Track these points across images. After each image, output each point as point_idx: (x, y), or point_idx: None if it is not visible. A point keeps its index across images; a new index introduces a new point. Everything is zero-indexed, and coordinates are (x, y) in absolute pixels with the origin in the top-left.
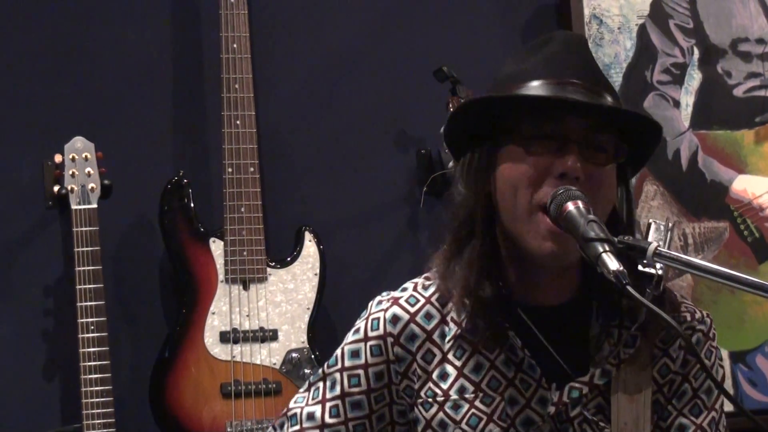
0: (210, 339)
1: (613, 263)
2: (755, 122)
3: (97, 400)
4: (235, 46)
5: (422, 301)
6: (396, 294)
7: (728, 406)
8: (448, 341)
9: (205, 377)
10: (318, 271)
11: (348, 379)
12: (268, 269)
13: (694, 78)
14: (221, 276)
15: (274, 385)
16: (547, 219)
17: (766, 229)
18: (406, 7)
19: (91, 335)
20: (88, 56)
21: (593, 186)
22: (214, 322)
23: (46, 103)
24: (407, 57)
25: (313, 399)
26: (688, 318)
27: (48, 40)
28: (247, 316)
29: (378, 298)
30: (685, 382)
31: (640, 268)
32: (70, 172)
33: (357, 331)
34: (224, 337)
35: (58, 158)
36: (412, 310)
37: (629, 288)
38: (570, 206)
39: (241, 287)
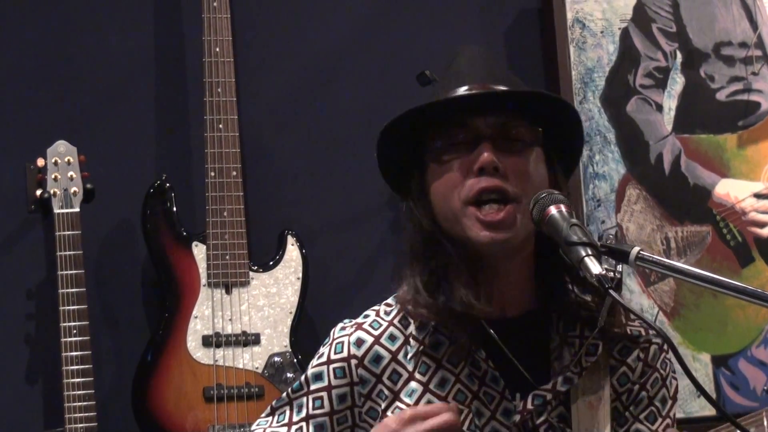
0: (192, 343)
1: (595, 267)
2: (738, 126)
3: (80, 404)
4: (217, 49)
5: (385, 324)
6: (359, 320)
7: (711, 411)
8: (410, 358)
9: (187, 381)
10: (300, 275)
11: (312, 401)
12: (251, 273)
13: (677, 82)
14: (204, 280)
15: (256, 389)
16: (475, 209)
17: (748, 233)
18: (388, 11)
19: (73, 339)
20: (71, 60)
21: (518, 175)
22: (197, 326)
23: (29, 107)
24: (390, 61)
25: (278, 422)
26: (644, 333)
27: (31, 44)
28: (230, 320)
29: (340, 324)
30: (642, 390)
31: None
32: (53, 176)
33: (321, 356)
34: (207, 341)
35: (40, 162)
36: (376, 333)
37: (612, 292)
38: (552, 210)
39: (223, 291)
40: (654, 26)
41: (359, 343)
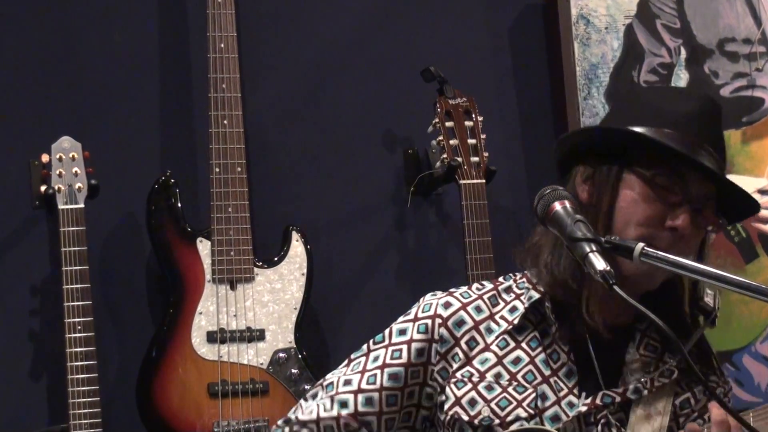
0: (197, 339)
1: (599, 263)
2: (742, 122)
3: (84, 400)
4: (222, 45)
5: (474, 296)
6: (451, 290)
7: None
8: (492, 333)
9: (192, 377)
10: (305, 270)
11: (391, 353)
12: (256, 269)
13: (681, 78)
14: (208, 276)
15: (261, 385)
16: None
17: (752, 229)
18: (393, 7)
19: (78, 335)
20: (76, 55)
21: (687, 247)
22: (201, 322)
23: (33, 103)
24: (394, 57)
25: (352, 370)
26: (716, 379)
27: (35, 39)
28: (234, 316)
29: (431, 293)
30: (699, 418)
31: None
32: (57, 172)
33: (408, 314)
34: (211, 337)
35: (45, 158)
36: (465, 301)
37: (616, 288)
38: (557, 206)
39: (228, 287)
40: (658, 22)
41: (447, 305)
